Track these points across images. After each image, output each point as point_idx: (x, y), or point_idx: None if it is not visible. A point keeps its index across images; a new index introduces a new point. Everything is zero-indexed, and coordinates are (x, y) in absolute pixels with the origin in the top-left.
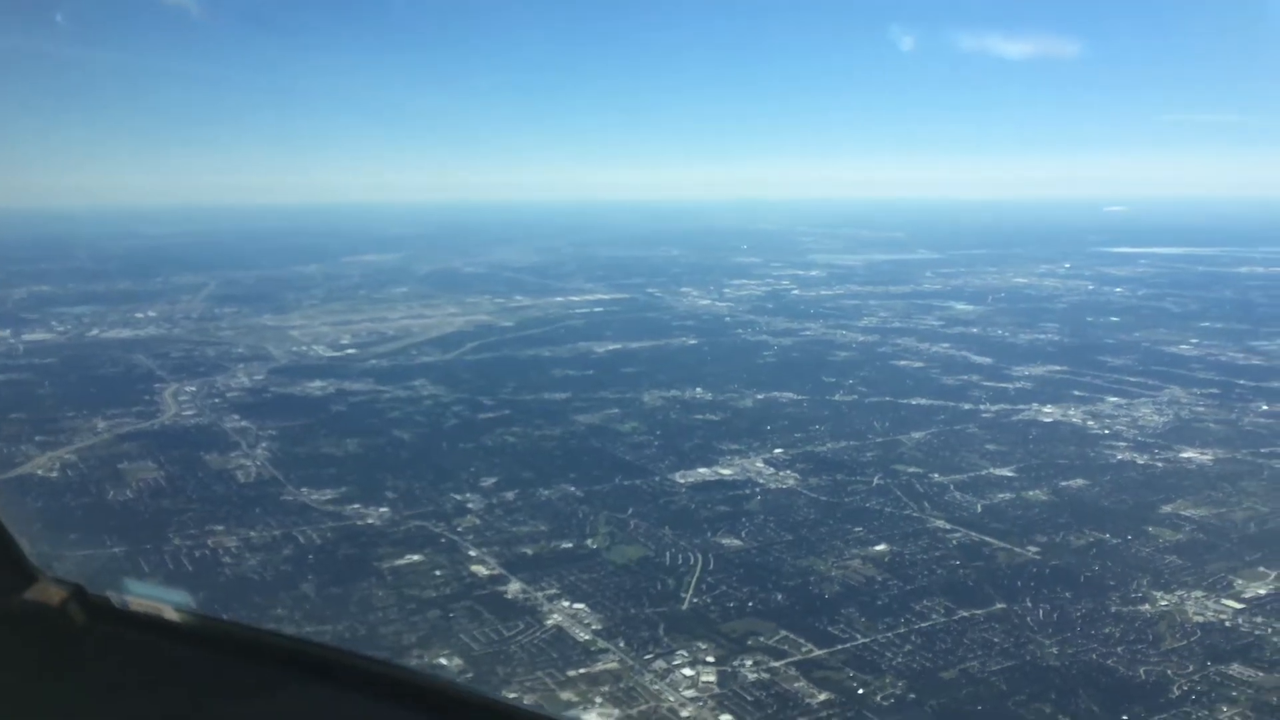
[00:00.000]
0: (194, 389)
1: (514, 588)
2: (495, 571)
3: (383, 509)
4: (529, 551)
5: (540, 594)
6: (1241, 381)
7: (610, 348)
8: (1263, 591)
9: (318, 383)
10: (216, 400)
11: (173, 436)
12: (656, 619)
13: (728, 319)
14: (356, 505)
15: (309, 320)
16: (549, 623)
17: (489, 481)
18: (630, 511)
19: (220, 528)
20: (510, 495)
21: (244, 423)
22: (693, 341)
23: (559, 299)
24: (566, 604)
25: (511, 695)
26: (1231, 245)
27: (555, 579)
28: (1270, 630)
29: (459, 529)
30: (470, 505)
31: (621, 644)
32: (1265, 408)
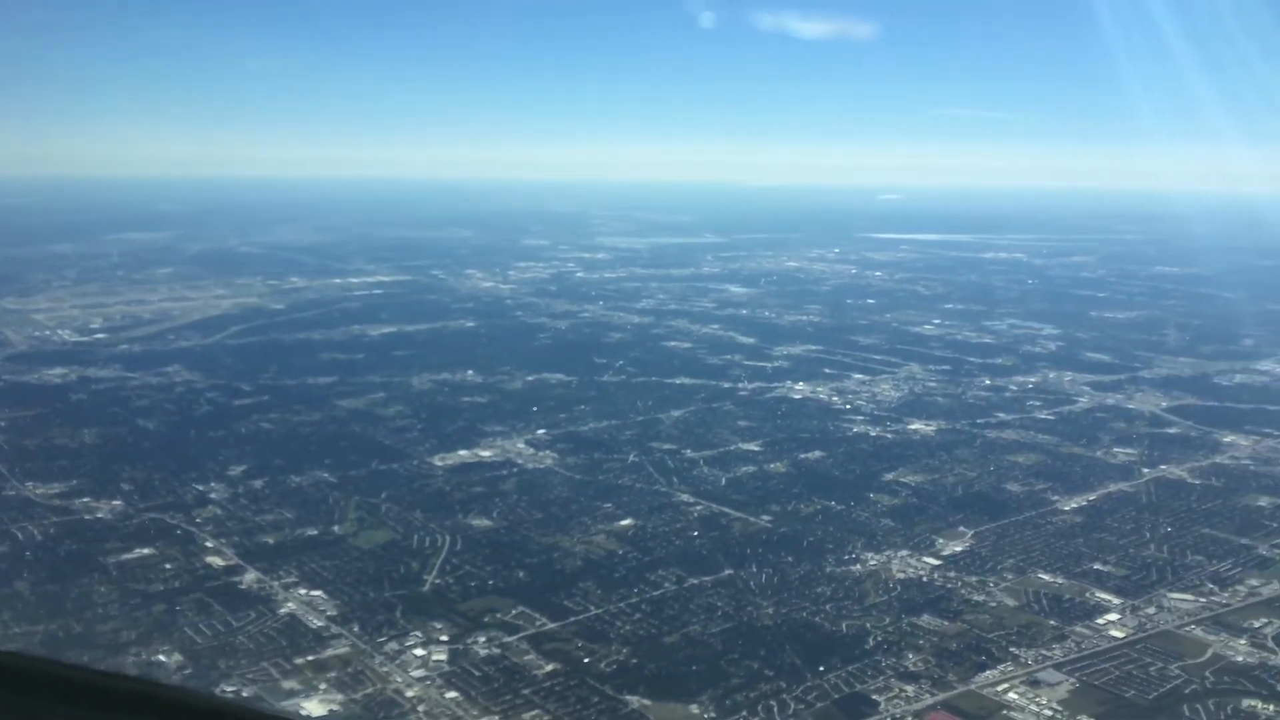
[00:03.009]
0: None
1: (250, 578)
2: (231, 562)
3: (115, 502)
4: (270, 540)
5: (276, 583)
6: (971, 359)
7: (385, 331)
8: (959, 549)
9: (58, 370)
10: None
11: None
12: (395, 602)
13: (509, 301)
14: (87, 499)
15: (56, 303)
16: (282, 611)
17: (237, 470)
18: (383, 496)
19: None
20: (258, 483)
21: None
22: (471, 324)
23: (337, 281)
24: (303, 592)
25: (231, 689)
26: (984, 232)
27: (295, 567)
28: (960, 584)
29: (198, 520)
30: (213, 495)
31: (356, 629)
32: (987, 382)
